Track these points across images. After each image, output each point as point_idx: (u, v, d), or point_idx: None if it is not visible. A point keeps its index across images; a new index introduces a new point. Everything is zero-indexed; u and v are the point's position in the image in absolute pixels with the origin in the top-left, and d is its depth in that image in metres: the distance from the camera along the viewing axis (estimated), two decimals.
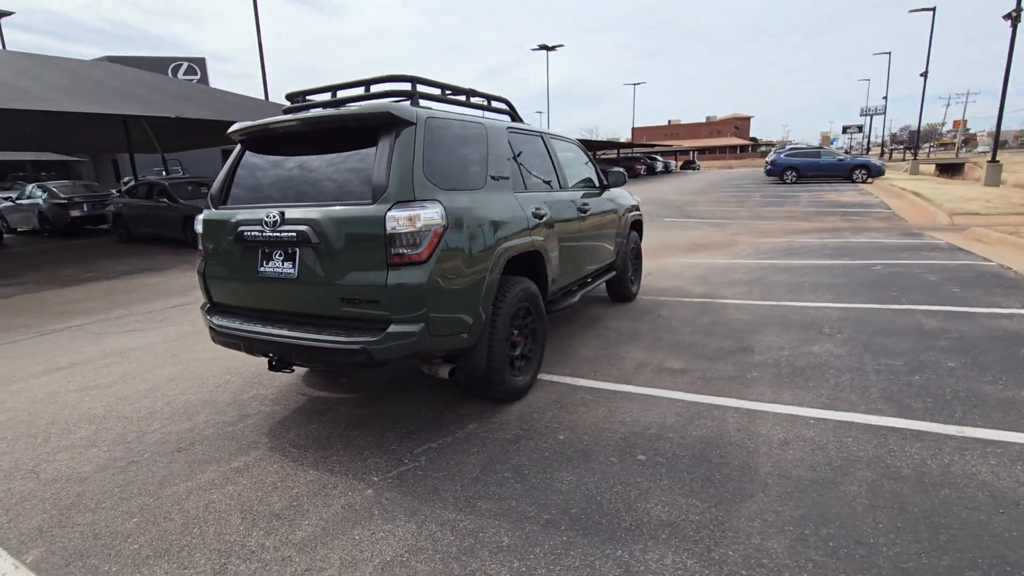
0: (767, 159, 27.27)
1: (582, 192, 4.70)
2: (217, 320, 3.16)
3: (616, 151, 49.64)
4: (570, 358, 4.22)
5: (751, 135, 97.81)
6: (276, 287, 2.94)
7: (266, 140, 3.20)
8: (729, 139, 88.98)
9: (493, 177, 3.33)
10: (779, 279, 6.56)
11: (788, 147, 27.88)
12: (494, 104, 4.05)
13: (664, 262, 8.11)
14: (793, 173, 24.60)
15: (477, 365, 3.10)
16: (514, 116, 4.19)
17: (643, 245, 6.62)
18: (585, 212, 4.50)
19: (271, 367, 3.11)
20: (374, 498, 2.49)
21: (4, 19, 22.81)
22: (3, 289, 8.11)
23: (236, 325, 3.04)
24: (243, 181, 3.22)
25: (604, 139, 55.84)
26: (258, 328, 2.95)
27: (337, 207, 2.74)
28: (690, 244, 9.86)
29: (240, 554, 2.16)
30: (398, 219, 2.57)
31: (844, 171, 23.98)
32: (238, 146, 3.33)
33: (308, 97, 3.41)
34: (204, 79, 38.77)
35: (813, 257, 7.88)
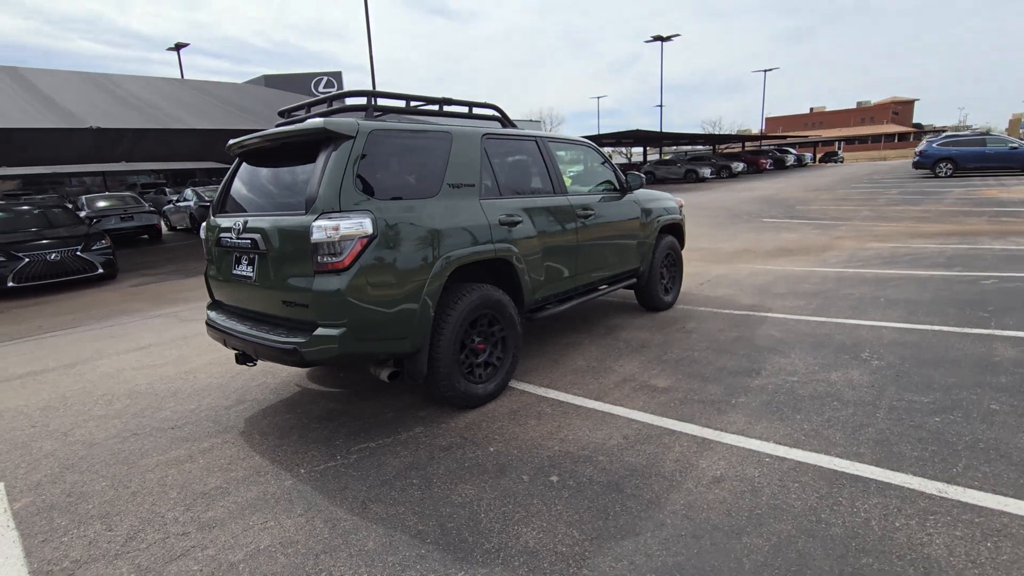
0: (916, 149, 23.64)
1: (589, 196, 4.54)
2: (211, 315, 3.58)
3: (741, 144, 46.21)
4: (559, 367, 4.12)
5: (914, 121, 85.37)
6: (243, 288, 3.27)
7: (250, 154, 3.55)
8: (884, 127, 78.42)
9: (452, 185, 3.37)
10: (852, 292, 5.76)
11: (945, 134, 23.85)
12: (493, 111, 4.08)
13: (733, 268, 7.49)
14: (948, 165, 21.07)
15: (419, 371, 3.17)
16: (504, 121, 4.16)
17: (720, 248, 6.21)
18: (587, 217, 4.35)
19: (237, 360, 3.46)
20: (290, 489, 2.69)
21: (182, 49, 27.15)
22: (141, 279, 9.74)
23: (219, 321, 3.42)
24: (235, 191, 3.60)
25: (728, 132, 52.18)
26: (231, 324, 3.30)
27: (281, 217, 2.98)
28: (776, 249, 8.97)
29: (156, 524, 2.46)
30: (322, 229, 2.73)
31: (1019, 163, 20.04)
32: (236, 159, 3.73)
33: (293, 113, 3.71)
34: (340, 89, 42.83)
35: (915, 267, 6.78)
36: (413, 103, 3.60)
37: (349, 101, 3.66)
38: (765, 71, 49.41)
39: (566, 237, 4.15)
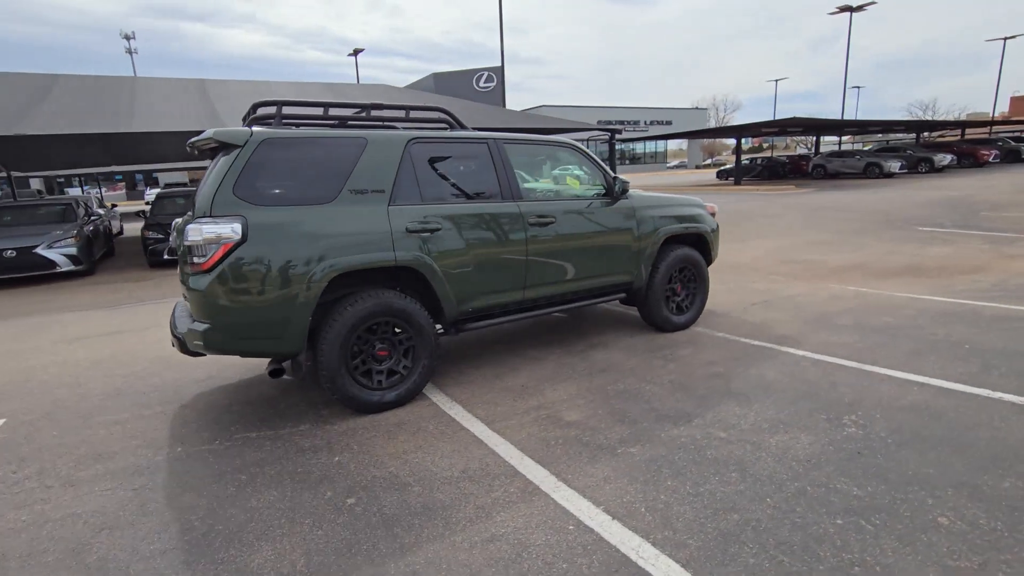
0: None
1: (552, 203, 4.20)
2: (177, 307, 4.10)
3: (960, 131, 37.91)
4: (494, 384, 3.92)
5: None
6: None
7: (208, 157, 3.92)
8: None
9: (355, 191, 3.38)
10: (937, 332, 4.49)
11: None
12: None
13: (816, 288, 6.32)
14: None
15: (298, 372, 3.28)
16: (452, 124, 4.02)
17: (826, 262, 5.32)
18: (545, 225, 4.03)
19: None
20: (153, 463, 3.00)
21: (386, 53, 30.65)
22: None
23: (175, 312, 3.90)
24: None
25: (943, 117, 43.08)
26: (176, 316, 3.73)
27: (184, 220, 3.29)
28: (902, 267, 7.33)
29: (44, 474, 2.94)
30: (193, 232, 2.96)
31: None
32: None
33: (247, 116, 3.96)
34: (499, 85, 44.53)
35: None
36: (332, 110, 3.67)
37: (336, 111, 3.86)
38: (1004, 39, 39.55)
39: (511, 247, 3.89)
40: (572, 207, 4.28)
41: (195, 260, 3.00)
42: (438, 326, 3.83)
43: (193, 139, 3.33)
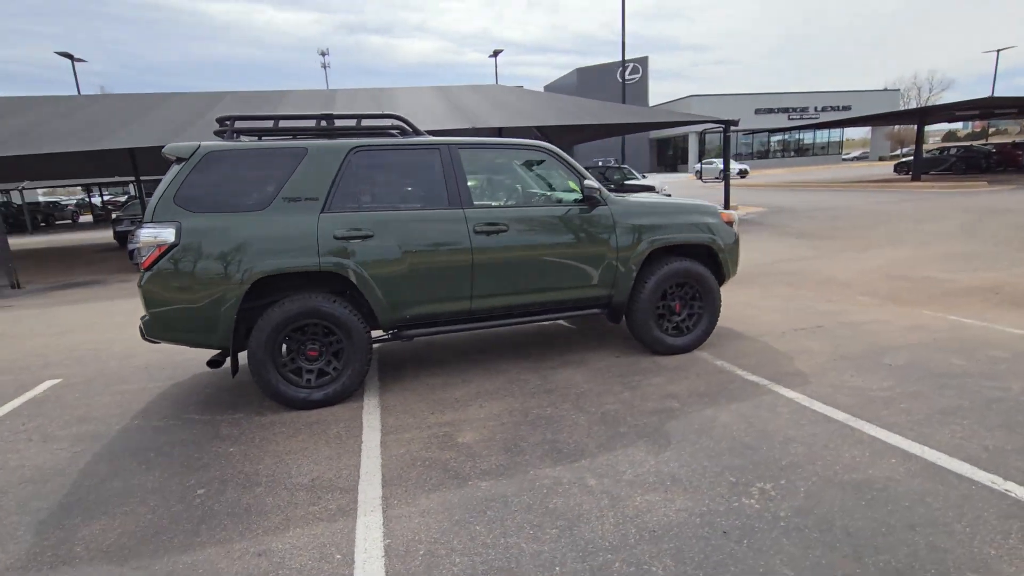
0: None
1: (507, 209, 4.00)
2: None
3: None
4: (432, 393, 3.89)
5: None
6: None
7: None
8: None
9: (288, 199, 3.57)
10: (1010, 388, 3.42)
11: None
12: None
13: (901, 314, 5.19)
14: None
15: (233, 365, 3.60)
16: (405, 131, 4.00)
17: (953, 282, 4.58)
18: (496, 233, 3.86)
19: None
20: (108, 431, 3.52)
21: (546, 50, 31.69)
22: None
23: None
24: None
25: None
26: None
27: None
28: None
29: (42, 427, 3.61)
30: (135, 236, 3.39)
31: None
32: None
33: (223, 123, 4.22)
34: (645, 76, 42.87)
35: None
36: (282, 122, 3.88)
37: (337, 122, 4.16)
38: None
39: (453, 255, 3.80)
40: (531, 214, 4.03)
41: (137, 261, 3.43)
42: (383, 332, 3.91)
43: (162, 152, 3.80)
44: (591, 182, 4.03)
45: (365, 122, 3.98)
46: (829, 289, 6.33)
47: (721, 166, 36.80)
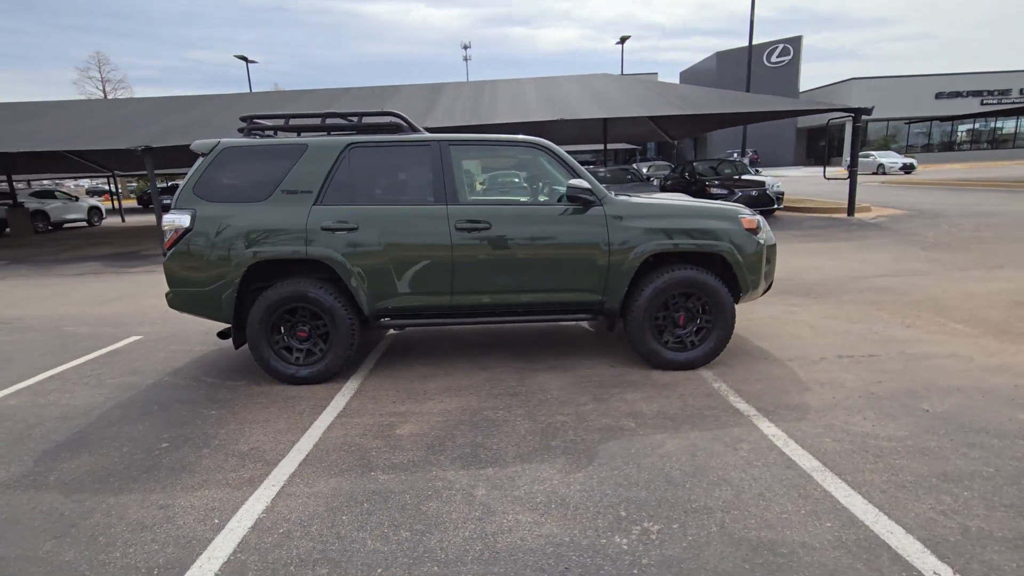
0: None
1: (492, 207, 3.96)
2: None
3: None
4: (405, 384, 4.03)
5: None
6: None
7: None
8: None
9: (286, 191, 3.89)
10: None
11: None
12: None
13: (996, 349, 4.27)
14: None
15: (237, 338, 4.04)
16: (401, 128, 4.11)
17: None
18: (479, 230, 3.86)
19: None
20: (144, 383, 4.16)
21: (698, 36, 30.61)
22: None
23: None
24: None
25: None
26: None
27: None
28: None
29: (104, 374, 4.39)
30: (164, 221, 3.94)
31: None
32: None
33: (255, 121, 4.62)
34: (796, 58, 38.68)
35: None
36: (293, 120, 4.19)
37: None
38: None
39: (433, 250, 3.87)
40: (517, 213, 3.95)
41: (164, 241, 3.99)
42: (370, 320, 4.11)
43: (191, 147, 4.32)
44: (579, 182, 3.84)
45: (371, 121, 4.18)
46: (919, 312, 5.33)
47: (881, 159, 32.24)
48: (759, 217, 4.19)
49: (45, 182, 28.85)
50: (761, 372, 3.97)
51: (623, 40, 30.34)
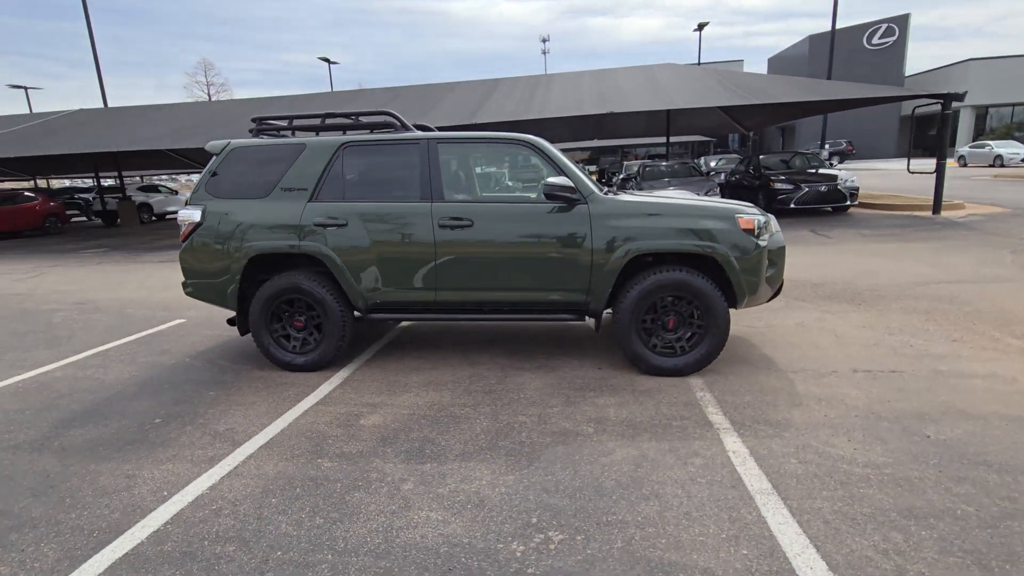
0: None
1: (474, 205, 3.97)
2: None
3: None
4: (391, 376, 4.15)
5: None
6: None
7: None
8: None
9: (285, 189, 4.11)
10: (1017, 496, 2.32)
11: None
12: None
13: None
14: None
15: (241, 327, 4.33)
16: (393, 126, 4.19)
17: None
18: (461, 228, 3.89)
19: None
20: (168, 363, 4.58)
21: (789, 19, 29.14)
22: None
23: None
24: None
25: None
26: None
27: None
28: None
29: (137, 352, 4.88)
30: (179, 216, 4.29)
31: None
32: None
33: (265, 122, 4.85)
34: (902, 38, 35.12)
35: None
36: (296, 121, 4.39)
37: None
38: None
39: (417, 247, 3.95)
40: (500, 211, 3.93)
41: (181, 233, 4.34)
42: (360, 313, 4.27)
43: (205, 147, 4.64)
44: (558, 179, 3.75)
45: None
46: (975, 325, 4.72)
47: (999, 149, 28.53)
48: (764, 217, 3.90)
49: (156, 177, 32.12)
50: (755, 383, 3.70)
51: (701, 27, 28.96)
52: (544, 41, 73.35)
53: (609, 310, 4.04)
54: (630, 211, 3.82)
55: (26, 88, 31.27)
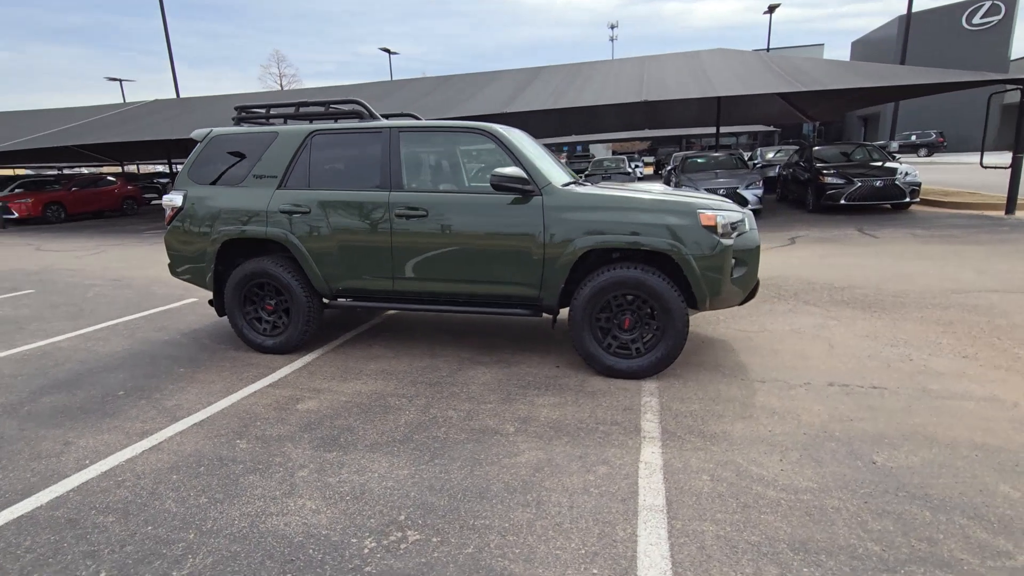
0: None
1: (428, 195, 3.91)
2: None
3: None
4: (352, 363, 4.21)
5: None
6: None
7: None
8: None
9: (257, 176, 4.23)
10: (946, 534, 2.02)
11: None
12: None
13: None
14: None
15: (218, 308, 4.53)
16: (361, 115, 4.19)
17: None
18: (416, 217, 3.87)
19: None
20: (160, 338, 4.87)
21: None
22: None
23: None
24: None
25: None
26: None
27: None
28: None
29: (142, 328, 5.23)
30: (163, 200, 4.52)
31: None
32: None
33: (250, 110, 4.98)
34: (1008, 18, 31.49)
35: None
36: (274, 109, 4.48)
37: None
38: None
39: (374, 236, 3.97)
40: (453, 201, 3.86)
41: (165, 216, 4.58)
42: (326, 299, 4.34)
43: (191, 135, 4.83)
44: (508, 170, 3.62)
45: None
46: (997, 341, 4.19)
47: None
48: (739, 214, 3.63)
49: None
50: (713, 391, 3.46)
51: (772, 9, 27.22)
52: (612, 28, 71.65)
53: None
54: (584, 204, 3.65)
55: (120, 80, 34.04)
